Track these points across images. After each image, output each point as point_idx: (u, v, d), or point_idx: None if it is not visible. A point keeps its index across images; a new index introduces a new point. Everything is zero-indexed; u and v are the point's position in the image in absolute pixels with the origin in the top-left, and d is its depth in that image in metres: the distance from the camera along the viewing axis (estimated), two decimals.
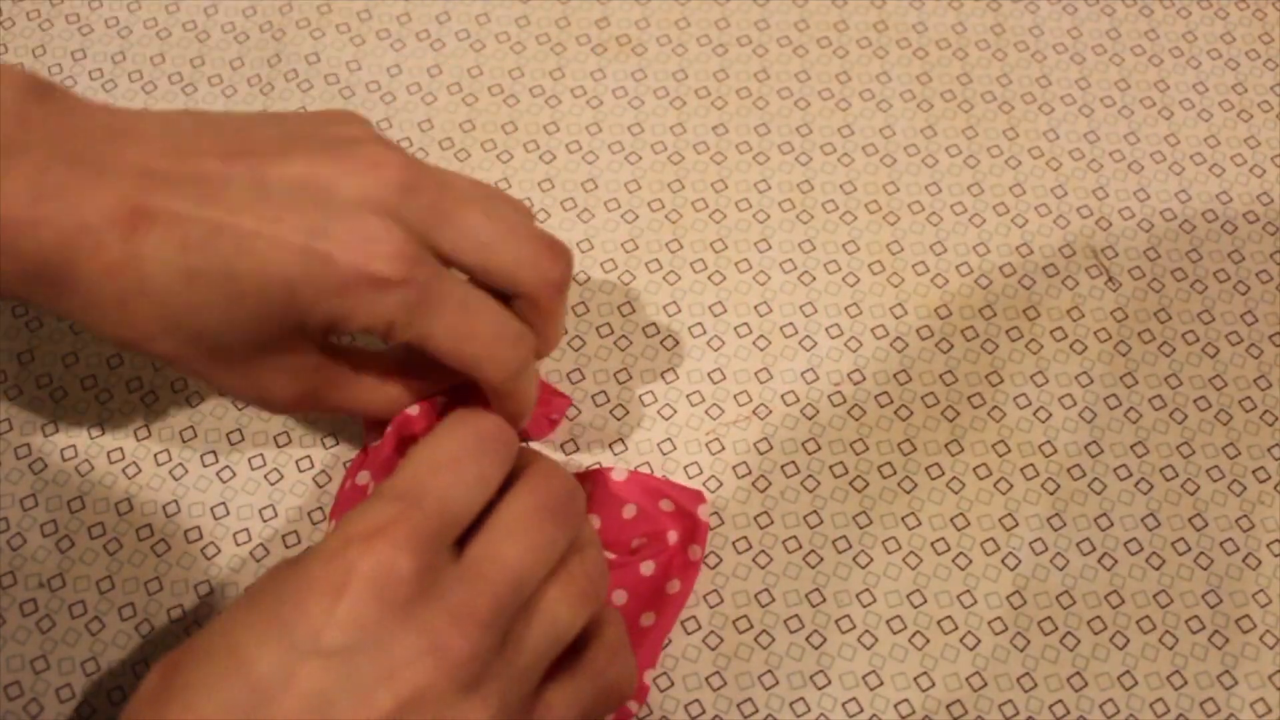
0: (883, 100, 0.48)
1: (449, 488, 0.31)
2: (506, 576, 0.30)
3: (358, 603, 0.28)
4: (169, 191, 0.32)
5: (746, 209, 0.46)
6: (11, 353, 0.43)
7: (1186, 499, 0.41)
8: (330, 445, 0.41)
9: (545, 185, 0.46)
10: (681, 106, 0.48)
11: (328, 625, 0.28)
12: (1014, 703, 0.38)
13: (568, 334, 0.43)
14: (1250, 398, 0.42)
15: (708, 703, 0.38)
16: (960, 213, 0.46)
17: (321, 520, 0.40)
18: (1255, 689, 0.38)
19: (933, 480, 0.41)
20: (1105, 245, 0.45)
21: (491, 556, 0.30)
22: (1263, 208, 0.46)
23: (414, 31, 0.49)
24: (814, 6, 0.50)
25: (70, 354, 0.43)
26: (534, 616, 0.31)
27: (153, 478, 0.41)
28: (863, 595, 0.39)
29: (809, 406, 0.42)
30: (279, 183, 0.32)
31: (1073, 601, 0.39)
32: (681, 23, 0.49)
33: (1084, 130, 0.47)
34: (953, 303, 0.44)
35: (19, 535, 0.40)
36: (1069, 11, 0.50)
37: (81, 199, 0.31)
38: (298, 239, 0.32)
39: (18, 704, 0.38)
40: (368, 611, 0.28)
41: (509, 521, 0.31)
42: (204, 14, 0.49)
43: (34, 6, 0.50)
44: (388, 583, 0.28)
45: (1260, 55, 0.49)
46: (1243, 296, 0.44)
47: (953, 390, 0.42)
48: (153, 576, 0.39)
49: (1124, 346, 0.43)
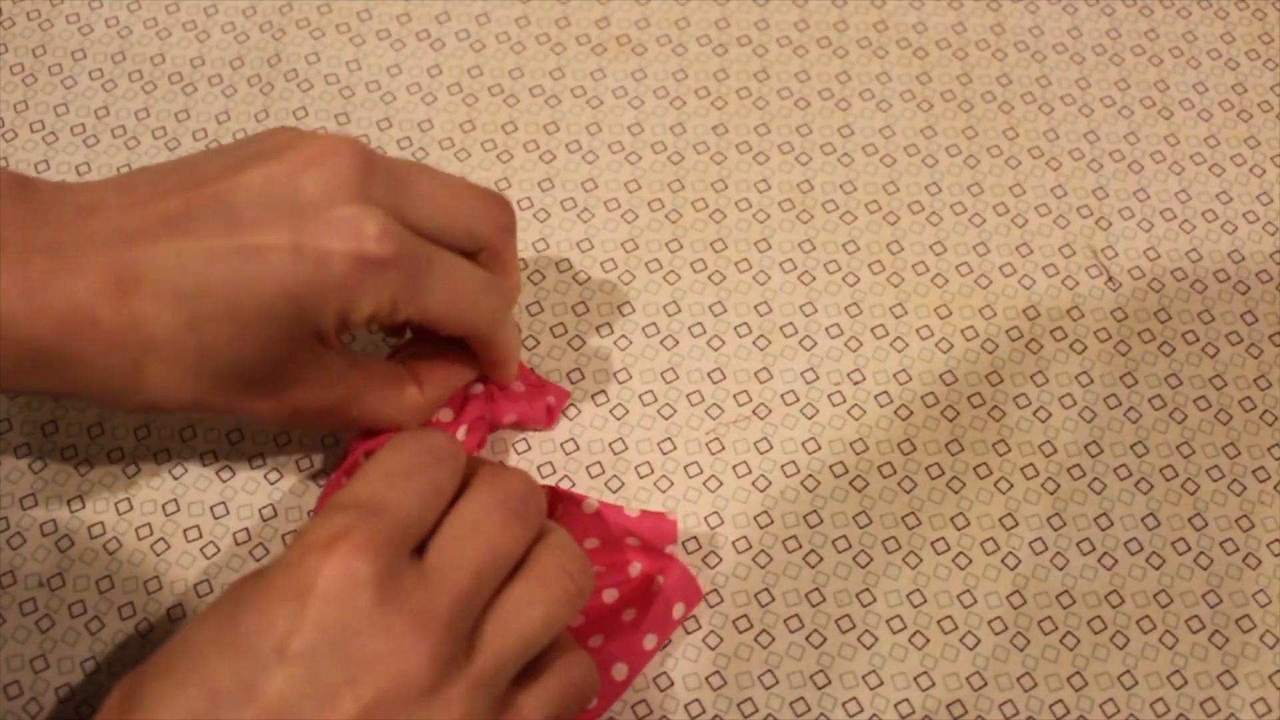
0: (883, 100, 0.48)
1: (404, 496, 0.31)
2: (465, 576, 0.30)
3: (319, 608, 0.28)
4: (145, 244, 0.32)
5: (746, 209, 0.46)
6: None
7: (1186, 499, 0.41)
8: (330, 445, 0.41)
9: (545, 185, 0.46)
10: (681, 106, 0.48)
11: (289, 632, 0.28)
12: (1014, 702, 0.38)
13: (567, 333, 0.43)
14: (1250, 398, 0.42)
15: (708, 702, 0.38)
16: (960, 213, 0.46)
17: None
18: (1255, 689, 0.38)
19: (933, 480, 0.41)
20: (1105, 245, 0.45)
21: (449, 558, 0.30)
22: (1263, 208, 0.46)
23: (414, 31, 0.49)
24: (814, 6, 0.50)
25: None
26: (500, 616, 0.31)
27: (153, 477, 0.41)
28: (863, 595, 0.39)
29: (809, 406, 0.42)
30: (244, 199, 0.32)
31: (1073, 601, 0.39)
32: (681, 23, 0.49)
33: (1084, 130, 0.47)
34: (953, 303, 0.44)
35: (19, 535, 0.40)
36: (1069, 11, 0.50)
37: (68, 282, 0.31)
38: (285, 246, 0.32)
39: (17, 703, 0.38)
40: (329, 617, 0.28)
41: (465, 521, 0.31)
42: (204, 14, 0.49)
43: (34, 6, 0.50)
44: (348, 588, 0.28)
45: (1260, 55, 0.49)
46: (1243, 296, 0.44)
47: (953, 390, 0.42)
48: (152, 576, 0.39)
49: (1124, 346, 0.43)
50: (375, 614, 0.28)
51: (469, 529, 0.31)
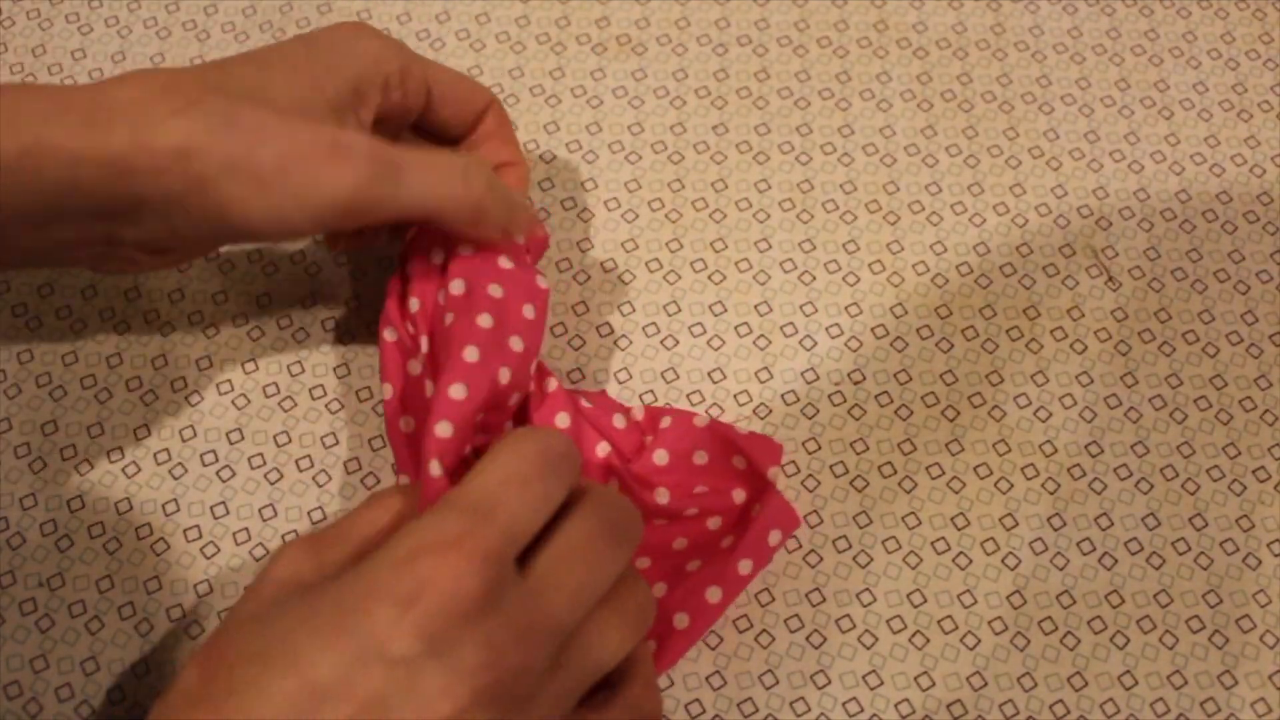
0: (883, 100, 0.48)
1: (517, 505, 0.31)
2: (567, 598, 0.30)
3: (427, 614, 0.28)
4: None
5: (746, 209, 0.46)
6: (11, 352, 0.43)
7: (1187, 499, 0.41)
8: (330, 445, 0.41)
9: (545, 185, 0.46)
10: (681, 106, 0.48)
11: (395, 634, 0.28)
12: (1014, 702, 0.38)
13: (567, 333, 0.43)
14: (1250, 397, 0.42)
15: (708, 702, 0.38)
16: (960, 213, 0.46)
17: (322, 520, 0.40)
18: (1255, 689, 0.38)
19: (933, 480, 0.41)
20: (1105, 245, 0.45)
21: (554, 577, 0.30)
22: (1263, 208, 0.46)
23: (414, 31, 0.49)
24: (814, 6, 0.50)
25: (70, 353, 0.43)
26: (584, 640, 0.31)
27: (152, 477, 0.41)
28: (863, 595, 0.39)
29: (809, 406, 0.42)
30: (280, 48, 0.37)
31: (1073, 601, 0.39)
32: (681, 22, 0.49)
33: (1084, 130, 0.47)
34: (953, 302, 0.44)
35: (19, 535, 0.40)
36: (1069, 11, 0.50)
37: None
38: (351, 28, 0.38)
39: (17, 703, 0.38)
40: (435, 623, 0.28)
41: (572, 544, 0.31)
42: (204, 13, 0.49)
43: (34, 6, 0.50)
44: (457, 596, 0.28)
45: (1260, 55, 0.49)
46: (1243, 296, 0.44)
47: (953, 390, 0.42)
48: (152, 576, 0.39)
49: (1124, 346, 0.43)
50: (478, 624, 0.29)
51: (574, 553, 0.31)
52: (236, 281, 0.44)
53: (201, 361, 0.43)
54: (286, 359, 0.43)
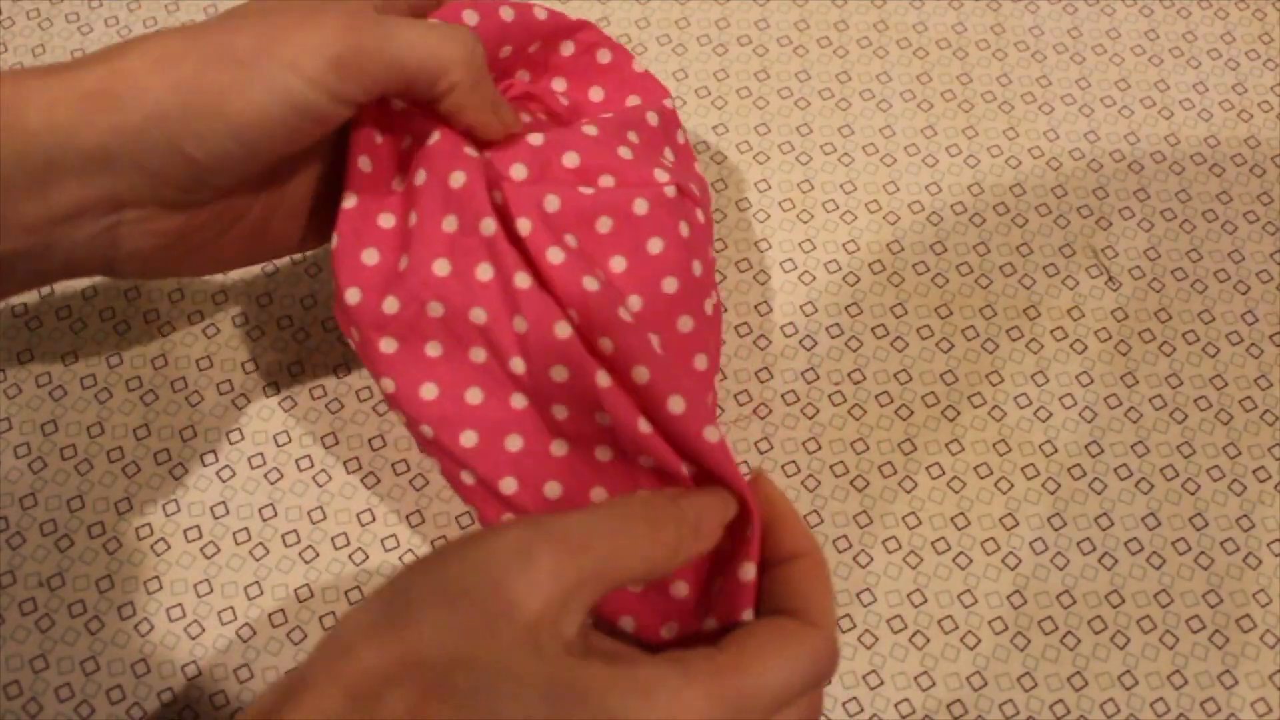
0: (883, 100, 0.48)
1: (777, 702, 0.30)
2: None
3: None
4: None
5: (747, 208, 0.46)
6: (11, 352, 0.43)
7: (1187, 499, 0.41)
8: (330, 445, 0.41)
9: None
10: (681, 106, 0.48)
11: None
12: (1014, 702, 0.38)
13: None
14: (1250, 397, 0.42)
15: None
16: (960, 213, 0.46)
17: (321, 519, 0.40)
18: (1255, 688, 0.38)
19: (933, 480, 0.41)
20: (1105, 245, 0.45)
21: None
22: (1263, 208, 0.46)
23: None
24: (814, 6, 0.50)
25: (70, 353, 0.43)
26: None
27: (152, 477, 0.41)
28: (863, 595, 0.39)
29: (809, 406, 0.42)
30: None
31: (1073, 601, 0.39)
32: (681, 22, 0.49)
33: (1084, 130, 0.47)
34: (953, 302, 0.44)
35: (19, 535, 0.40)
36: (1069, 11, 0.50)
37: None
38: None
39: (17, 703, 0.38)
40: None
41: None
42: (203, 13, 0.49)
43: (34, 6, 0.50)
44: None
45: (1260, 55, 0.49)
46: (1243, 296, 0.44)
47: (953, 390, 0.42)
48: (152, 576, 0.39)
49: (1124, 346, 0.43)
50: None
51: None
52: (236, 281, 0.44)
53: (201, 361, 0.43)
54: (286, 359, 0.43)
